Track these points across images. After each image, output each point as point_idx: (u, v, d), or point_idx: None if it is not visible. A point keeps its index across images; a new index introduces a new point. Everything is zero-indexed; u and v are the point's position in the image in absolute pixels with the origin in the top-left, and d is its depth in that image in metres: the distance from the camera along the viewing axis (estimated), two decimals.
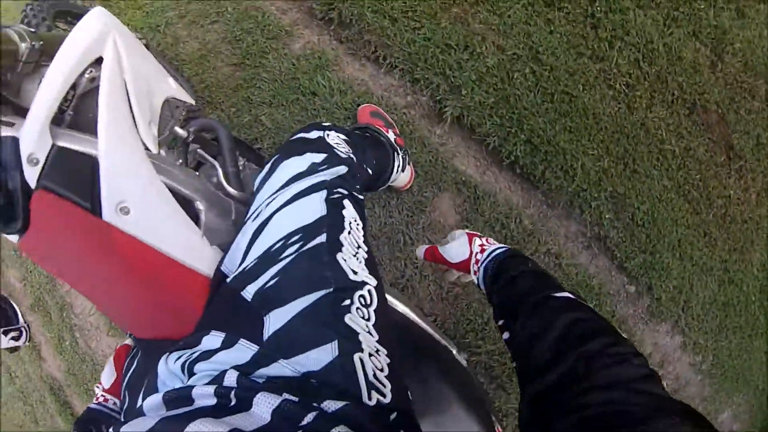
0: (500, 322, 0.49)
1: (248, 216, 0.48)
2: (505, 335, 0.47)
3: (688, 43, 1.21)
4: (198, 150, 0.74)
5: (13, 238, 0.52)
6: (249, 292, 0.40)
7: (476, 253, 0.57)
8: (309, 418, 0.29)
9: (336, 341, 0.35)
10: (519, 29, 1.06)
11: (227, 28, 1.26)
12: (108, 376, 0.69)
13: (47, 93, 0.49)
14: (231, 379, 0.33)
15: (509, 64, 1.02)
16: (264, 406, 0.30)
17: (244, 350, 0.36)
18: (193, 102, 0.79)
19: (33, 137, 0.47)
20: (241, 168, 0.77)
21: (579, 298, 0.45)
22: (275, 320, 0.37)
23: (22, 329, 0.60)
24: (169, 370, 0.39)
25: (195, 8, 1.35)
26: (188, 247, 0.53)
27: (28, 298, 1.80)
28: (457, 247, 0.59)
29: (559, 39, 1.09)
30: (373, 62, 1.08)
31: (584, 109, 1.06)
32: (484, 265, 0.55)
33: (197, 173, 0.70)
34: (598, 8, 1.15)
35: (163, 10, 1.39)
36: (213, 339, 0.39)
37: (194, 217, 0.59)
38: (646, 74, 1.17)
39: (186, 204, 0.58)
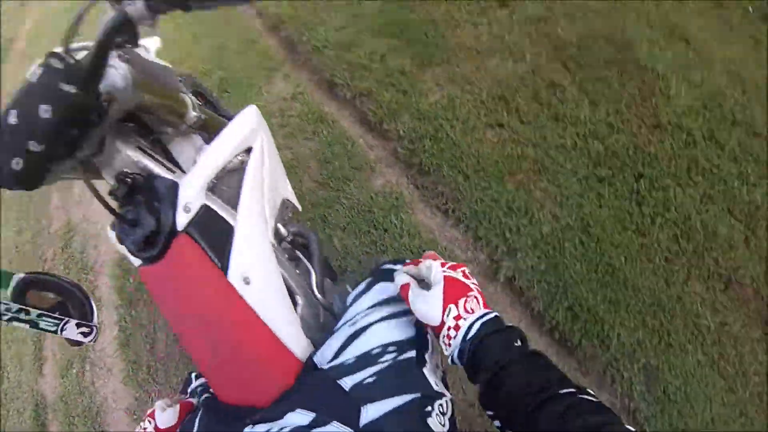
0: (488, 412, 0.46)
1: (343, 322, 0.58)
2: (497, 423, 0.46)
3: (724, 219, 1.36)
4: (296, 252, 0.83)
5: (135, 261, 0.59)
6: (347, 383, 0.49)
7: (449, 327, 0.48)
8: None
9: None
10: (573, 201, 1.26)
11: (320, 148, 1.54)
12: (168, 419, 0.67)
13: (212, 161, 0.60)
14: None
15: (562, 233, 1.21)
16: None
17: None
18: (299, 208, 0.90)
19: (192, 191, 0.56)
20: None
21: (583, 392, 0.40)
22: (372, 411, 0.45)
23: (94, 328, 0.64)
24: None
25: (296, 122, 1.65)
26: (289, 330, 0.60)
27: None
28: (427, 309, 0.50)
29: (607, 213, 1.28)
30: (442, 213, 1.29)
31: (625, 281, 1.21)
32: (458, 347, 0.48)
33: (297, 271, 0.80)
34: (643, 185, 1.34)
35: (268, 116, 1.70)
36: (299, 416, 0.46)
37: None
38: (684, 249, 1.32)
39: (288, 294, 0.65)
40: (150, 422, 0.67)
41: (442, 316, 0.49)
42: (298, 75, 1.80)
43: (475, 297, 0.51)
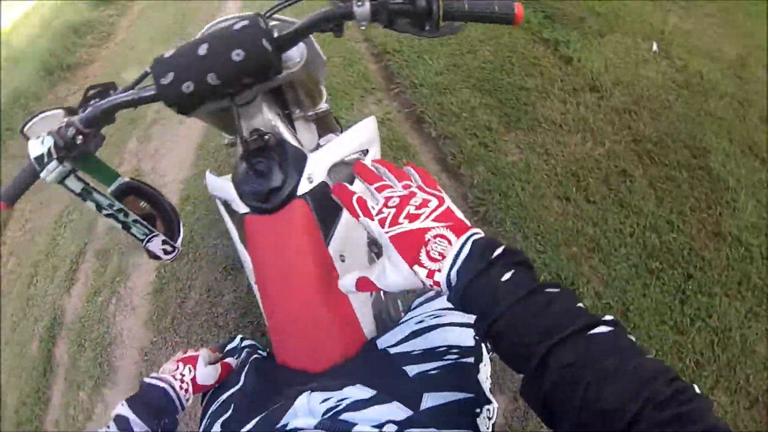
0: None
1: (408, 318, 0.64)
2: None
3: (764, 339, 1.44)
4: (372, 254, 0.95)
5: (241, 208, 0.63)
6: (411, 370, 0.54)
7: (431, 286, 0.43)
8: None
9: (472, 431, 0.49)
10: (619, 284, 1.41)
11: None
12: (207, 376, 0.63)
13: (340, 148, 0.68)
14: (392, 429, 0.42)
15: (601, 311, 1.36)
16: None
17: (398, 411, 0.46)
18: None
19: (318, 166, 0.64)
20: None
21: (594, 324, 0.34)
22: (431, 400, 0.50)
23: (177, 248, 0.66)
24: (309, 407, 0.47)
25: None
26: (364, 310, 0.65)
27: (101, 242, 2.09)
28: (400, 281, 0.44)
29: (649, 303, 1.41)
30: None
31: None
32: (446, 297, 0.43)
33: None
34: (690, 287, 1.46)
35: None
36: (359, 391, 0.48)
37: None
38: (717, 357, 1.40)
39: None
40: (190, 371, 0.62)
41: (414, 276, 0.43)
42: (390, 103, 2.05)
43: (438, 235, 0.42)
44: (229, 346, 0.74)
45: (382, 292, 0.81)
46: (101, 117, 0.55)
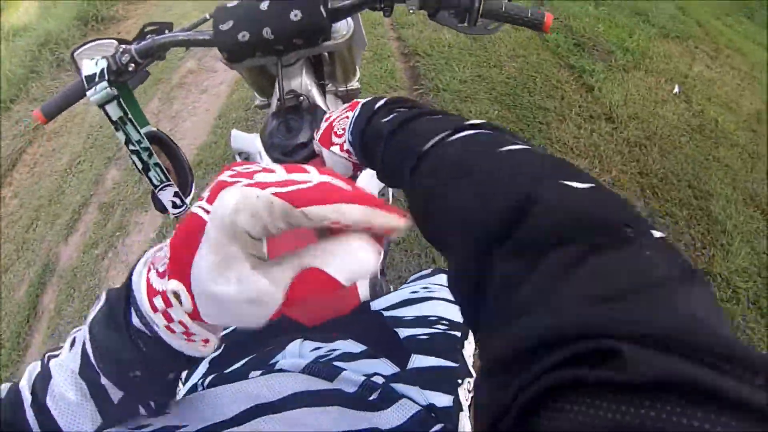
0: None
1: (404, 287, 0.71)
2: None
3: None
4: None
5: (266, 158, 0.67)
6: (402, 332, 0.58)
7: (346, 159, 0.48)
8: (437, 428, 0.40)
9: (454, 397, 0.50)
10: None
11: None
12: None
13: None
14: (379, 381, 0.45)
15: None
16: (405, 410, 0.40)
17: (386, 367, 0.49)
18: (390, 201, 1.19)
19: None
20: None
21: (461, 129, 0.32)
22: (419, 361, 0.53)
23: (185, 205, 0.68)
24: (300, 352, 0.50)
25: None
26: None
27: (108, 197, 2.15)
28: (330, 163, 0.52)
29: None
30: None
31: None
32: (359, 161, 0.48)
33: None
34: None
35: None
36: (350, 345, 0.52)
37: None
38: None
39: None
40: (178, 300, 0.26)
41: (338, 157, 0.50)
42: None
43: (340, 117, 0.50)
44: None
45: (378, 270, 0.94)
46: (156, 50, 0.60)
